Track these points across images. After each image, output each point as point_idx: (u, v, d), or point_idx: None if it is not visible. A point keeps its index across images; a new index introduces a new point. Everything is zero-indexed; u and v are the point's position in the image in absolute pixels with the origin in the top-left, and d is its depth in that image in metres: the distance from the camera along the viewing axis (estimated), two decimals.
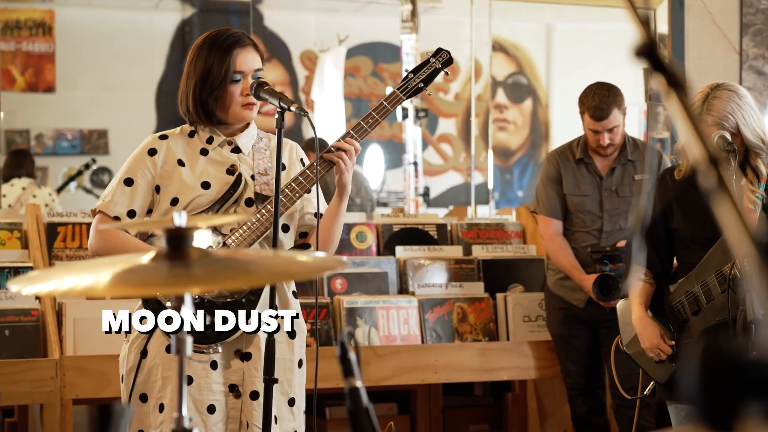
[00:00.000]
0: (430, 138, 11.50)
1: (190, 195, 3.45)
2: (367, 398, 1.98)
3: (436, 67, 3.63)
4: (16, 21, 10.50)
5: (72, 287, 1.95)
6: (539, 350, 5.54)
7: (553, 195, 5.32)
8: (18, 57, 10.48)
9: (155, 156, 3.50)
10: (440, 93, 11.52)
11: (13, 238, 5.31)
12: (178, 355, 2.04)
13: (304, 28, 11.16)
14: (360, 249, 5.75)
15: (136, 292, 2.08)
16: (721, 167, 0.91)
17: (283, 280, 3.13)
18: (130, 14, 10.70)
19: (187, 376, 3.40)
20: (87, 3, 10.64)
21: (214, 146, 3.54)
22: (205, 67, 3.46)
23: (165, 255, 1.99)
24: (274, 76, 10.99)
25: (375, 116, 3.55)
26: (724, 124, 3.86)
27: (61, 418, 4.84)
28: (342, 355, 2.01)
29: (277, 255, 2.14)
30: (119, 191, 3.48)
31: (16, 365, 4.80)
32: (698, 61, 6.77)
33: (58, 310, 5.02)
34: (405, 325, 5.43)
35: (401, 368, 5.32)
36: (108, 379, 4.85)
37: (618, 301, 5.10)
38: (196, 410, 3.40)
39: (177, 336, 2.04)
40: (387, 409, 6.02)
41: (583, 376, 5.31)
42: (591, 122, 5.16)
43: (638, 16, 1.07)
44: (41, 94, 10.55)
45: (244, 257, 2.06)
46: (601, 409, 5.35)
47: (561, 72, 11.58)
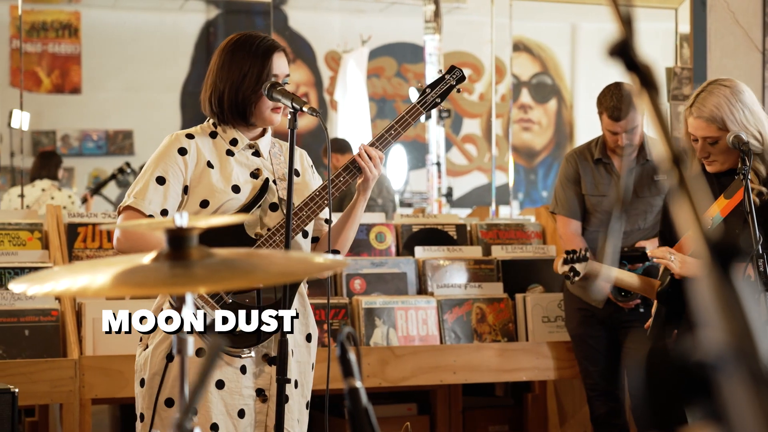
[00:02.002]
0: (454, 138, 11.50)
1: (221, 198, 3.44)
2: (367, 398, 1.98)
3: (450, 84, 3.75)
4: (42, 23, 10.57)
5: (75, 287, 1.96)
6: (558, 351, 5.53)
7: (571, 195, 5.31)
8: (44, 58, 10.56)
9: (186, 156, 3.47)
10: (465, 93, 11.52)
11: (34, 238, 5.34)
12: (180, 355, 2.05)
13: (328, 29, 11.18)
14: (379, 249, 5.75)
15: (137, 292, 2.08)
16: (683, 167, 0.90)
17: (282, 281, 3.12)
18: (155, 15, 10.75)
19: (219, 380, 3.41)
20: (112, 5, 10.70)
21: (238, 149, 3.54)
22: (243, 69, 3.47)
23: (166, 255, 2.00)
24: (298, 77, 11.01)
25: (398, 128, 3.64)
26: (711, 118, 3.86)
27: (80, 418, 4.86)
28: (342, 356, 2.01)
29: (277, 255, 2.14)
30: (152, 189, 3.42)
31: (36, 365, 4.82)
32: (721, 61, 6.73)
33: (78, 310, 5.05)
34: (423, 325, 5.42)
35: (419, 369, 5.32)
36: (127, 378, 4.87)
37: (637, 301, 5.10)
38: (228, 414, 3.41)
39: (178, 336, 2.05)
40: (407, 409, 6.02)
41: (602, 376, 5.29)
42: (609, 123, 5.14)
43: (619, 13, 1.06)
44: (67, 96, 10.62)
45: (244, 257, 2.07)
46: (621, 410, 5.33)
47: (586, 72, 11.55)
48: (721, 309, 0.81)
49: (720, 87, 3.89)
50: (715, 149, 3.92)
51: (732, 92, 3.87)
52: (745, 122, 3.86)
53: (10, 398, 4.06)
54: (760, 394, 0.79)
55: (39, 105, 10.36)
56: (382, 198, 7.68)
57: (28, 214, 5.59)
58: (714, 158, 3.94)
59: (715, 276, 0.84)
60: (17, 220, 5.39)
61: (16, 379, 4.66)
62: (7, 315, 4.93)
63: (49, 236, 5.32)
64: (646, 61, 1.02)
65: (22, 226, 5.34)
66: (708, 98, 3.89)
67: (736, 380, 0.81)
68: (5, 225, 5.32)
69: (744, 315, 0.80)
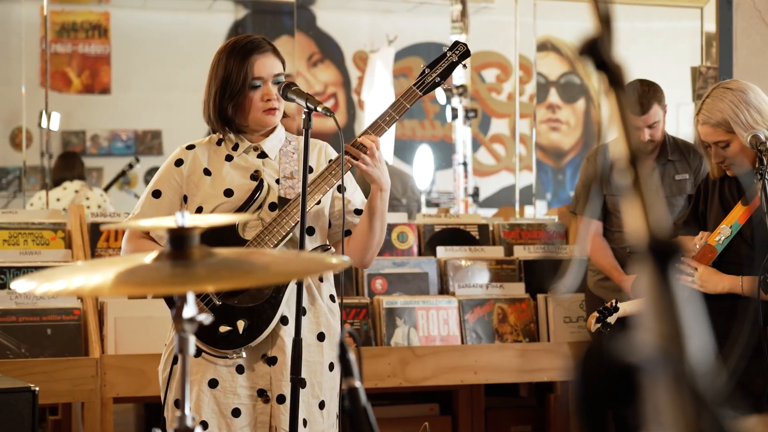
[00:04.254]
0: (482, 138, 11.48)
1: (213, 203, 3.47)
2: (366, 398, 1.98)
3: (452, 61, 3.57)
4: (72, 23, 10.63)
5: (77, 286, 1.97)
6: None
7: (592, 195, 5.28)
8: (74, 59, 10.61)
9: (181, 166, 3.55)
10: (492, 93, 11.49)
11: (57, 238, 5.38)
12: (181, 354, 2.06)
13: (356, 29, 11.17)
14: (401, 249, 5.75)
15: (138, 291, 2.09)
16: (640, 167, 0.90)
17: (281, 280, 3.13)
18: (184, 16, 10.79)
19: (212, 379, 3.43)
20: (141, 5, 10.75)
21: (239, 152, 3.56)
22: (225, 74, 3.49)
23: (167, 255, 2.01)
24: (326, 77, 11.03)
25: (392, 114, 3.51)
26: (717, 123, 3.84)
27: (101, 417, 4.88)
28: (341, 355, 2.01)
29: (277, 255, 2.15)
30: (148, 203, 3.53)
31: (57, 363, 4.86)
32: (747, 60, 6.69)
33: (100, 309, 5.08)
34: (445, 325, 5.42)
35: (440, 368, 5.32)
36: (148, 378, 4.89)
37: None
38: (220, 413, 3.42)
39: (179, 336, 2.06)
40: (429, 409, 6.01)
41: None
42: None
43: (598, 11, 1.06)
44: (97, 96, 10.67)
45: (244, 257, 2.07)
46: None
47: None
48: (654, 309, 0.80)
49: (724, 91, 3.88)
50: (729, 152, 3.91)
51: (735, 94, 3.85)
52: (752, 122, 3.83)
53: (30, 396, 4.07)
54: (682, 398, 0.78)
55: (69, 105, 10.42)
56: (406, 198, 7.67)
57: (51, 214, 5.64)
58: (730, 161, 3.93)
59: (651, 275, 0.83)
60: (40, 220, 5.43)
61: (38, 377, 4.70)
62: (30, 314, 4.97)
63: (72, 236, 5.36)
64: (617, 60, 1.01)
65: (45, 226, 5.39)
66: (713, 104, 3.89)
67: (662, 382, 0.80)
68: (29, 225, 5.37)
69: (676, 316, 0.80)
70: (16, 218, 5.42)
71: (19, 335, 4.94)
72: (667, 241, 0.85)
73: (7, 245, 5.30)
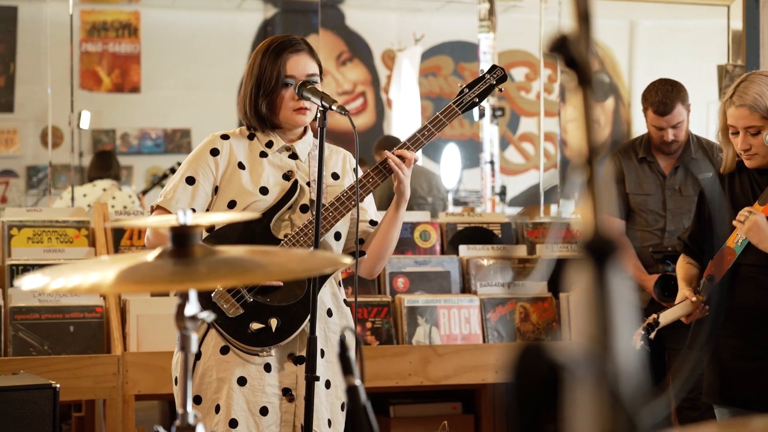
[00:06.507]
0: (511, 137, 11.46)
1: (247, 199, 3.47)
2: (365, 396, 1.98)
3: (490, 84, 3.67)
4: (102, 23, 10.69)
5: (78, 285, 1.98)
6: None
7: (614, 194, 5.26)
8: (104, 58, 10.67)
9: (218, 156, 3.52)
10: (522, 92, 11.47)
11: (81, 236, 5.41)
12: (183, 352, 2.06)
13: (385, 28, 11.18)
14: (423, 248, 5.74)
15: (139, 288, 2.10)
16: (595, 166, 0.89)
17: (281, 279, 3.13)
18: (213, 15, 10.83)
19: (241, 377, 3.43)
20: (171, 4, 10.80)
21: (273, 151, 3.56)
22: (260, 71, 3.50)
23: (170, 252, 2.02)
24: (355, 75, 11.04)
25: (431, 128, 3.58)
26: (754, 106, 3.78)
27: (123, 414, 4.91)
28: (341, 354, 2.01)
29: (279, 253, 2.15)
30: (181, 189, 3.49)
31: (79, 360, 4.89)
32: None
33: (123, 307, 5.10)
34: (466, 324, 5.41)
35: (462, 367, 5.31)
36: (170, 375, 4.89)
37: None
38: (249, 411, 3.43)
39: (182, 333, 2.06)
40: (451, 408, 6.00)
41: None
42: (654, 118, 5.09)
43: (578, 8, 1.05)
44: (127, 95, 10.73)
45: (246, 255, 2.08)
46: None
47: (643, 70, 11.44)
48: (587, 308, 0.80)
49: (761, 76, 3.83)
50: (757, 141, 3.82)
51: None
52: None
53: (51, 393, 4.11)
54: (600, 399, 0.77)
55: (99, 104, 10.49)
56: (432, 196, 7.67)
57: (75, 212, 5.67)
58: (755, 150, 3.84)
59: (589, 274, 0.83)
60: (65, 218, 5.47)
61: (60, 374, 4.73)
62: (53, 311, 5.01)
63: (96, 234, 5.39)
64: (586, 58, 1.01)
65: (69, 224, 5.42)
66: (749, 87, 3.81)
67: (586, 383, 0.80)
68: (53, 222, 5.40)
69: (607, 317, 0.79)
70: (41, 216, 5.47)
71: (42, 332, 4.98)
72: (607, 240, 0.85)
73: (31, 243, 5.34)
